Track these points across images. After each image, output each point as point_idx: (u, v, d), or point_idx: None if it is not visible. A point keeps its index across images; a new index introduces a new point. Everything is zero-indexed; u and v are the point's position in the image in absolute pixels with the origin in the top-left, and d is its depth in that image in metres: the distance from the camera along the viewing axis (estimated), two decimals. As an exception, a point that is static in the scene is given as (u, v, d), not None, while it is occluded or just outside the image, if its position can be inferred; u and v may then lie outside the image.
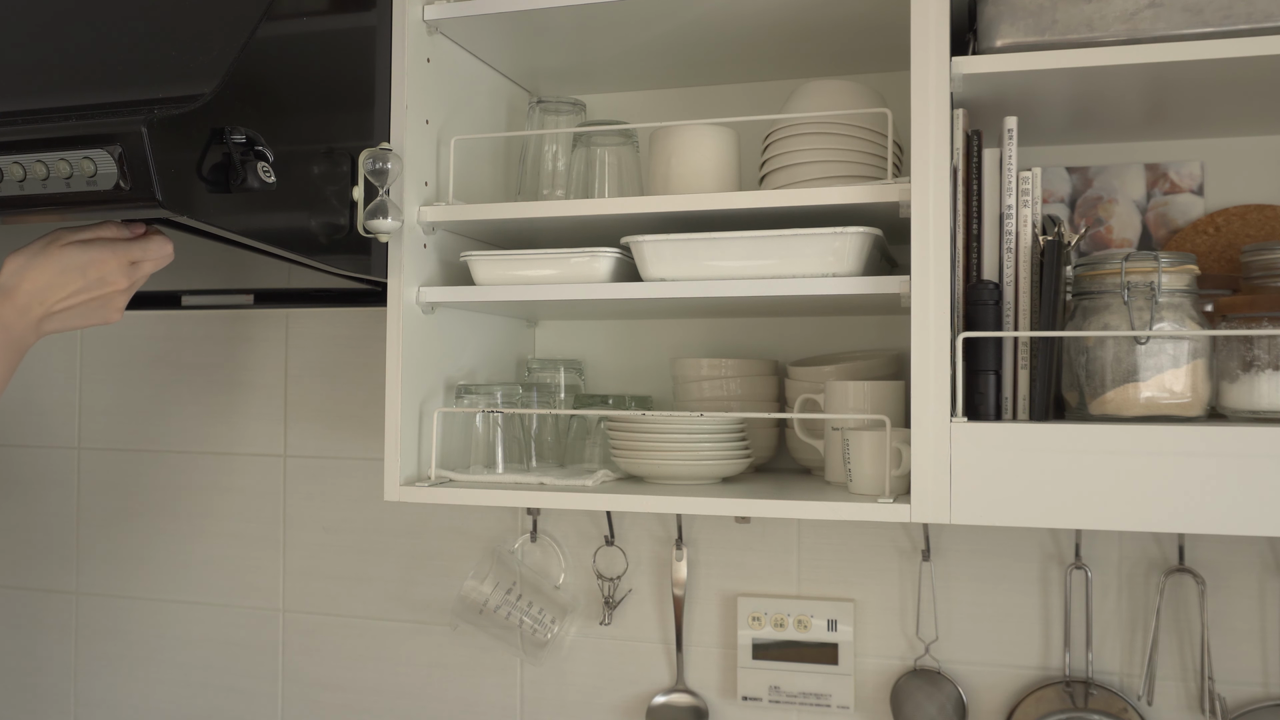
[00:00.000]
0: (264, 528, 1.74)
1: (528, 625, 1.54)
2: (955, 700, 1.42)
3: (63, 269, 1.09)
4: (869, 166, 1.27)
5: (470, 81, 1.43)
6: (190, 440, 1.78)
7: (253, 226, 1.10)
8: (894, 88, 1.43)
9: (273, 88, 1.12)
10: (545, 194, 1.44)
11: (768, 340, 1.53)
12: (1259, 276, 1.16)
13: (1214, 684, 1.35)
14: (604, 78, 1.52)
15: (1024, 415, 1.14)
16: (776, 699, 1.49)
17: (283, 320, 1.74)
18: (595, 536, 1.59)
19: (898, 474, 1.17)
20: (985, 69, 1.12)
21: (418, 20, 1.30)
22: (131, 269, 1.12)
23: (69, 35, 1.16)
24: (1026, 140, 1.39)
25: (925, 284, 1.11)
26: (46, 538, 1.86)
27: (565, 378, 1.50)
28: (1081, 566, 1.39)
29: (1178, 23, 1.09)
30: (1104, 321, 1.13)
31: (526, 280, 1.29)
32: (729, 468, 1.28)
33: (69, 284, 1.09)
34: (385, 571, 1.69)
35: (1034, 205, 1.15)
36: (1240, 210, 1.36)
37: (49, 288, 1.09)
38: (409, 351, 1.29)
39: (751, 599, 1.51)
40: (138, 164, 0.97)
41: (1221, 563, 1.36)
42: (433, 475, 1.30)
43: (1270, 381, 1.10)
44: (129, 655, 1.81)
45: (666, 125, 1.31)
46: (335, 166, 1.22)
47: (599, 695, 1.59)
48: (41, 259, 1.08)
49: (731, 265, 1.21)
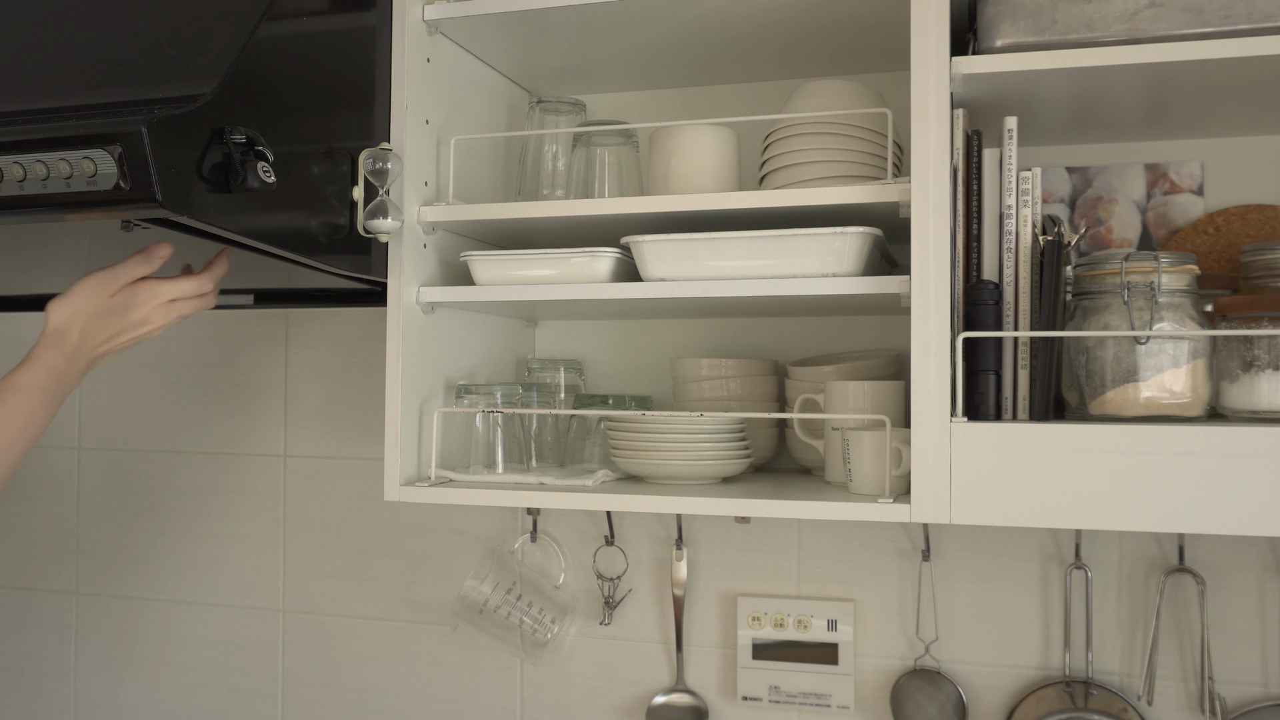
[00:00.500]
0: (264, 528, 1.74)
1: (528, 625, 1.54)
2: (955, 700, 1.42)
3: (108, 314, 1.15)
4: (869, 166, 1.27)
5: (470, 81, 1.43)
6: (190, 440, 1.78)
7: (253, 226, 1.10)
8: (894, 88, 1.43)
9: (273, 88, 1.12)
10: (545, 194, 1.44)
11: (768, 340, 1.53)
12: (1259, 276, 1.16)
13: (1214, 684, 1.35)
14: (604, 78, 1.52)
15: (1024, 415, 1.14)
16: (776, 699, 1.49)
17: (283, 320, 1.74)
18: (595, 536, 1.59)
19: (898, 474, 1.17)
20: (985, 69, 1.12)
21: (418, 20, 1.30)
22: (169, 308, 1.19)
23: (69, 35, 1.16)
24: (1026, 140, 1.39)
25: (925, 284, 1.11)
26: (46, 538, 1.86)
27: (565, 378, 1.50)
28: (1081, 566, 1.39)
29: (1178, 23, 1.09)
30: (1104, 321, 1.13)
31: (526, 280, 1.29)
32: (729, 468, 1.28)
33: (113, 327, 1.16)
34: (385, 571, 1.69)
35: (1034, 205, 1.15)
36: (1240, 210, 1.36)
37: (96, 333, 1.16)
38: (409, 351, 1.29)
39: (751, 599, 1.51)
40: (138, 164, 0.97)
41: (1221, 563, 1.36)
42: (433, 475, 1.30)
43: (1270, 381, 1.10)
44: (129, 655, 1.81)
45: (666, 125, 1.31)
46: (335, 166, 1.22)
47: (599, 695, 1.59)
48: (88, 306, 1.15)
49: (731, 265, 1.21)
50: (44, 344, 1.15)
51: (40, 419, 1.14)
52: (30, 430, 1.13)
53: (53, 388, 1.15)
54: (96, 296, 1.15)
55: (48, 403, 1.14)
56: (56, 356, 1.15)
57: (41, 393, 1.13)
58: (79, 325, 1.15)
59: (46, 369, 1.14)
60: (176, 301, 1.19)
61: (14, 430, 1.12)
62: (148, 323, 1.18)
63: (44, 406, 1.14)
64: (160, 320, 1.18)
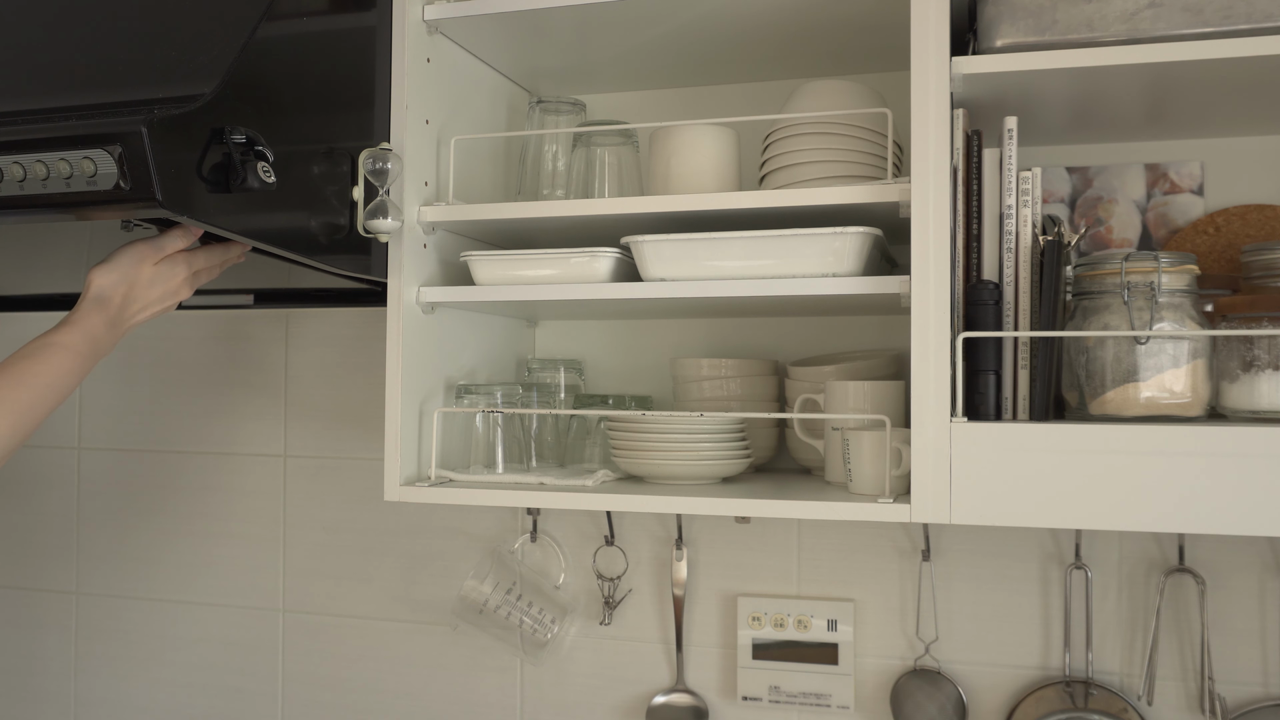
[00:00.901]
0: (264, 528, 1.74)
1: (528, 625, 1.54)
2: (955, 700, 1.42)
3: (150, 283, 1.19)
4: (869, 166, 1.27)
5: (470, 81, 1.43)
6: (190, 440, 1.78)
7: (253, 226, 1.10)
8: (894, 88, 1.43)
9: (273, 88, 1.12)
10: (545, 194, 1.44)
11: (768, 340, 1.53)
12: (1259, 276, 1.16)
13: (1214, 684, 1.35)
14: (604, 78, 1.52)
15: (1024, 415, 1.14)
16: (776, 699, 1.49)
17: (283, 320, 1.74)
18: (595, 536, 1.59)
19: (898, 474, 1.17)
20: (985, 69, 1.12)
21: (418, 20, 1.30)
22: (194, 279, 1.23)
23: (69, 35, 1.16)
24: (1026, 140, 1.39)
25: (925, 284, 1.11)
26: (46, 538, 1.86)
27: (565, 378, 1.50)
28: (1081, 566, 1.39)
29: (1178, 23, 1.09)
30: (1104, 321, 1.13)
31: (526, 280, 1.29)
32: (729, 468, 1.28)
33: (152, 295, 1.20)
34: (385, 571, 1.69)
35: (1034, 205, 1.15)
36: (1240, 210, 1.36)
37: (135, 300, 1.19)
38: (409, 351, 1.29)
39: (751, 599, 1.51)
40: (138, 164, 0.97)
41: (1221, 563, 1.36)
42: (433, 475, 1.30)
43: (1270, 381, 1.10)
44: (129, 655, 1.81)
45: (666, 125, 1.31)
46: (335, 166, 1.22)
47: (599, 695, 1.59)
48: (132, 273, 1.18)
49: (731, 265, 1.21)
50: (85, 308, 1.17)
51: (70, 381, 1.15)
52: (58, 389, 1.14)
53: (88, 351, 1.16)
54: (141, 265, 1.18)
55: (80, 365, 1.16)
56: (97, 321, 1.17)
57: (77, 355, 1.15)
58: (121, 291, 1.18)
59: (85, 333, 1.16)
60: (199, 272, 1.23)
61: (41, 387, 1.12)
62: (176, 294, 1.22)
63: (76, 369, 1.15)
64: (187, 292, 1.23)
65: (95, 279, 1.17)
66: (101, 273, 1.17)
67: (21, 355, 1.13)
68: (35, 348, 1.13)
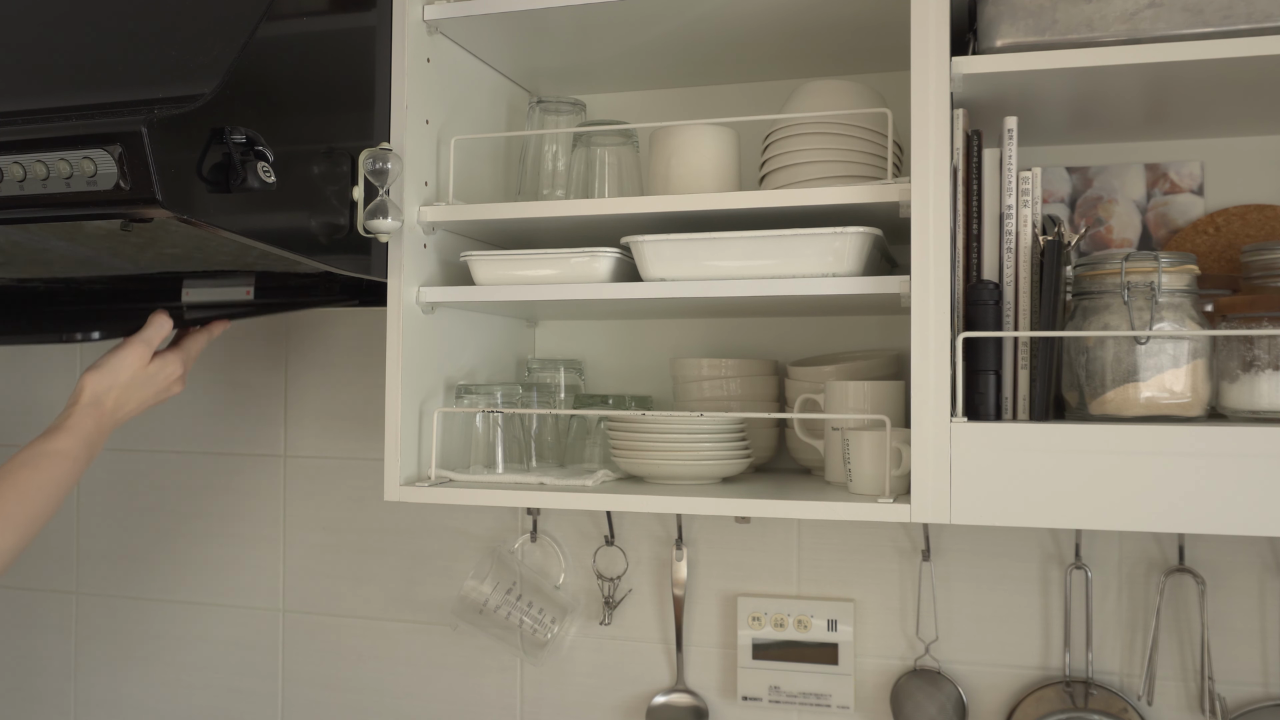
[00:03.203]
0: (264, 528, 1.74)
1: (528, 625, 1.54)
2: (955, 700, 1.42)
3: (143, 383, 1.26)
4: (869, 166, 1.27)
5: (470, 81, 1.43)
6: (190, 440, 1.78)
7: (253, 226, 1.10)
8: (894, 88, 1.43)
9: (273, 88, 1.12)
10: (545, 194, 1.44)
11: (768, 340, 1.53)
12: (1259, 276, 1.16)
13: (1214, 684, 1.35)
14: (604, 78, 1.52)
15: (1024, 415, 1.14)
16: (776, 699, 1.49)
17: (283, 320, 1.74)
18: (595, 536, 1.59)
19: (898, 474, 1.17)
20: (985, 69, 1.12)
21: (418, 20, 1.30)
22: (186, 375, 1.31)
23: (69, 35, 1.16)
24: (1026, 140, 1.39)
25: (925, 284, 1.11)
26: (46, 538, 1.86)
27: (565, 378, 1.50)
28: (1081, 566, 1.39)
29: (1178, 23, 1.09)
30: (1104, 321, 1.13)
31: (526, 280, 1.29)
32: (729, 468, 1.28)
33: (142, 395, 1.26)
34: (385, 571, 1.69)
35: (1034, 205, 1.15)
36: (1240, 210, 1.36)
37: (128, 400, 1.25)
38: (409, 351, 1.29)
39: (751, 599, 1.51)
40: (138, 164, 0.97)
41: (1221, 563, 1.36)
42: (433, 475, 1.30)
43: (1270, 381, 1.10)
44: (129, 655, 1.81)
45: (666, 125, 1.31)
46: (335, 166, 1.22)
47: (599, 695, 1.59)
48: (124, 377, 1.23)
49: (731, 265, 1.21)
50: (80, 413, 1.20)
51: (69, 485, 1.18)
52: (58, 497, 1.17)
53: (85, 456, 1.19)
54: (133, 368, 1.22)
55: (78, 470, 1.19)
56: (91, 426, 1.20)
57: (75, 461, 1.18)
58: (114, 395, 1.22)
59: (80, 438, 1.19)
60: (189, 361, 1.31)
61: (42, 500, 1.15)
62: (170, 390, 1.28)
63: (75, 473, 1.18)
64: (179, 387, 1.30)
65: (88, 383, 1.20)
66: (95, 378, 1.20)
67: (20, 464, 1.14)
68: (33, 456, 1.15)
